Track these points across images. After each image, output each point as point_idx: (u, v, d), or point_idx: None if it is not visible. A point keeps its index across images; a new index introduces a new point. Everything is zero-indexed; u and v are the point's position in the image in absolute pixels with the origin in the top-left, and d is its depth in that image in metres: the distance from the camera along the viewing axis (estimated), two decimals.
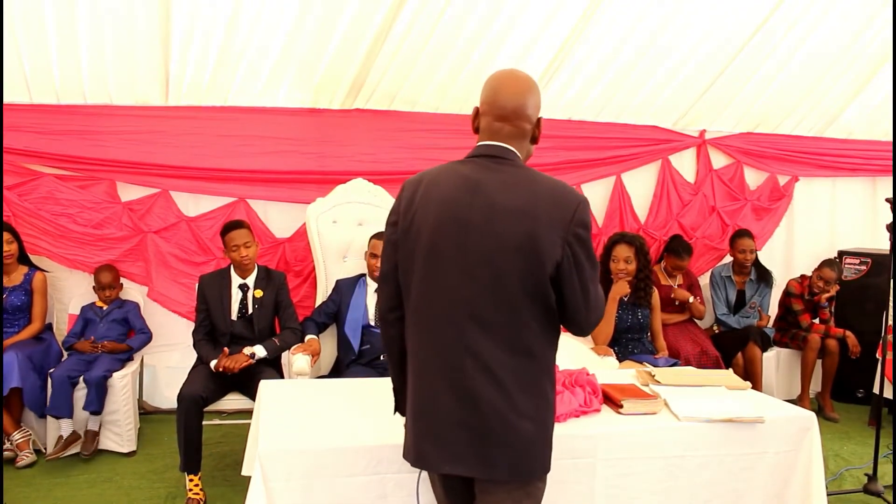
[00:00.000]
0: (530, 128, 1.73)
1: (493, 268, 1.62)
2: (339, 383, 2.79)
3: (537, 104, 1.74)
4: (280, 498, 1.96)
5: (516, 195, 1.63)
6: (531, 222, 1.60)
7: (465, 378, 1.63)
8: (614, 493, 2.23)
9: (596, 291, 1.71)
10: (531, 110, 1.71)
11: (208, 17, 3.52)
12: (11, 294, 3.68)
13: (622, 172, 4.84)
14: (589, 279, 1.67)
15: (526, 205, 1.62)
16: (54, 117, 3.87)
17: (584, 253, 1.65)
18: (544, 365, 1.70)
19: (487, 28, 3.84)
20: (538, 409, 1.68)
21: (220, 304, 3.48)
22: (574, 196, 1.67)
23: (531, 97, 1.71)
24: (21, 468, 3.38)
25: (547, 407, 1.71)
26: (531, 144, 1.77)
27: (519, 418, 1.64)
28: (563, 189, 1.68)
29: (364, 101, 4.23)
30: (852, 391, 4.81)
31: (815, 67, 4.60)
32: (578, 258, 1.64)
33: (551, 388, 1.73)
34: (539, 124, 1.75)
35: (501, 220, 1.61)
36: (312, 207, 3.96)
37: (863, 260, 4.91)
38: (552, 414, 1.73)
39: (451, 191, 1.67)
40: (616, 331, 3.87)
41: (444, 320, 1.66)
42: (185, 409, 3.10)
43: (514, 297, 1.62)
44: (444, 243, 1.65)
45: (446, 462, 1.68)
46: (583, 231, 1.65)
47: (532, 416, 1.66)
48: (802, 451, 2.42)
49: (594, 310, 1.72)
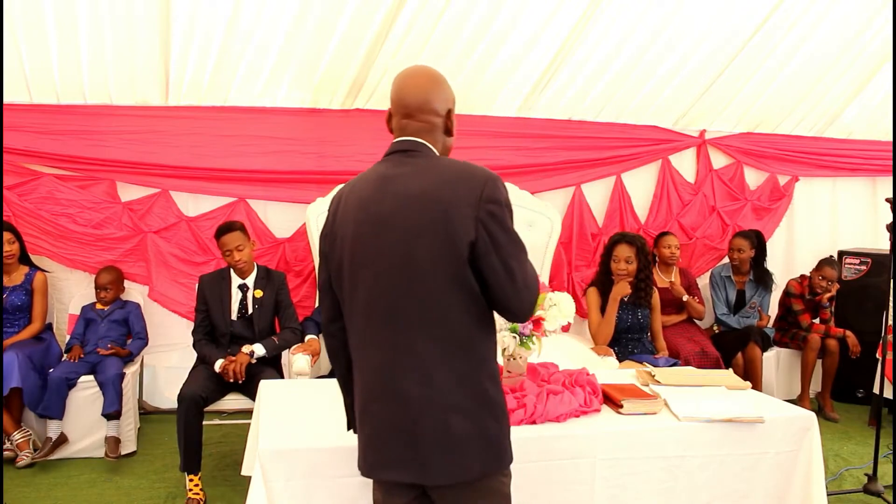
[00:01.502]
0: (440, 120, 1.69)
1: (411, 260, 1.56)
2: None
3: (445, 97, 1.70)
4: (280, 498, 1.96)
5: (424, 182, 1.58)
6: (440, 206, 1.54)
7: (397, 379, 1.58)
8: (614, 493, 2.23)
9: (523, 270, 1.59)
10: (437, 104, 1.68)
11: (208, 17, 3.52)
12: (12, 294, 3.68)
13: (622, 172, 4.84)
14: (510, 256, 1.57)
15: (434, 190, 1.56)
16: (54, 117, 3.87)
17: (501, 230, 1.56)
18: (479, 356, 1.61)
19: (487, 28, 3.84)
20: (473, 403, 1.59)
21: (220, 304, 3.48)
22: (482, 173, 1.59)
23: (434, 91, 1.69)
24: (21, 468, 3.38)
25: (486, 401, 1.60)
26: (447, 137, 1.72)
27: (449, 414, 1.56)
28: (471, 168, 1.60)
29: (364, 101, 4.23)
30: (852, 391, 4.81)
31: (815, 67, 4.60)
32: (495, 236, 1.55)
33: (491, 380, 1.63)
34: (450, 115, 1.70)
35: (411, 209, 1.57)
36: (312, 207, 3.95)
37: (863, 260, 4.90)
38: (497, 409, 1.63)
39: (365, 191, 1.65)
40: (616, 331, 3.87)
41: (375, 322, 1.61)
42: (185, 409, 3.11)
43: (438, 288, 1.56)
44: (364, 245, 1.62)
45: (385, 469, 1.63)
46: (495, 207, 1.56)
47: (465, 411, 1.57)
48: (802, 451, 2.41)
49: (524, 291, 1.59)
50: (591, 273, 4.41)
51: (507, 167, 4.42)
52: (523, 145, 4.52)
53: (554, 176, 4.67)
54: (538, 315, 2.36)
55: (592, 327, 3.95)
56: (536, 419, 2.23)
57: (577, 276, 4.70)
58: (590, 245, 4.75)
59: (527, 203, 4.24)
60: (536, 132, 4.55)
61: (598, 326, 3.89)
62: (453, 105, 1.72)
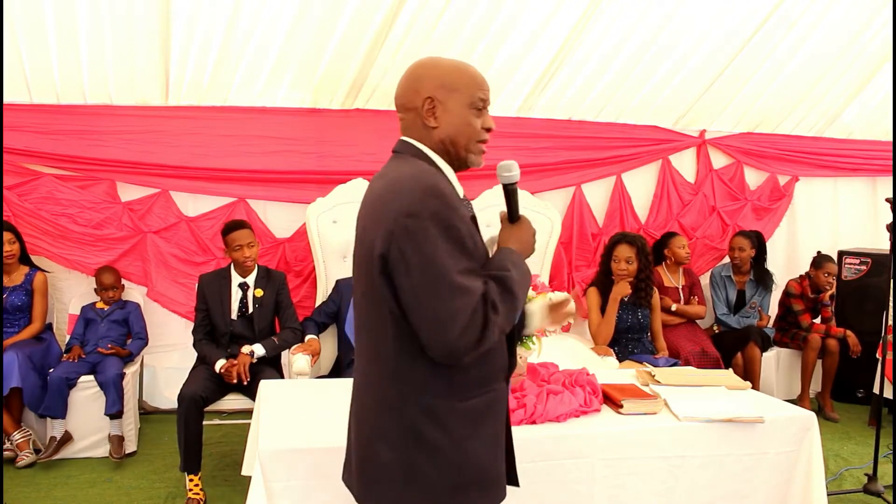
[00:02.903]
0: (413, 115, 1.51)
1: (360, 270, 1.48)
2: (339, 383, 2.78)
3: (418, 87, 1.50)
4: (280, 498, 1.96)
5: (377, 188, 1.47)
6: (371, 214, 1.44)
7: (353, 397, 1.57)
8: (614, 494, 2.23)
9: (434, 305, 1.32)
10: (407, 98, 1.52)
11: (208, 17, 3.52)
12: (12, 294, 3.68)
13: (622, 172, 4.84)
14: (420, 285, 1.33)
15: (377, 197, 1.44)
16: (54, 117, 3.87)
17: (414, 249, 1.33)
18: (406, 385, 1.43)
19: (487, 28, 3.84)
20: (399, 435, 1.43)
21: (220, 303, 3.48)
22: (411, 183, 1.39)
23: (406, 86, 1.53)
24: (21, 468, 3.38)
25: (416, 437, 1.42)
26: (432, 129, 1.50)
27: (375, 441, 1.45)
28: (407, 177, 1.41)
29: (364, 101, 4.23)
30: (852, 391, 4.80)
31: (815, 67, 4.60)
32: (406, 255, 1.34)
33: (427, 416, 1.42)
34: (428, 104, 1.49)
35: (361, 217, 1.52)
36: (312, 207, 3.95)
37: (863, 260, 4.90)
38: (428, 448, 1.42)
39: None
40: (616, 331, 3.88)
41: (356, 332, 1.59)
42: (185, 409, 3.11)
43: (362, 304, 1.49)
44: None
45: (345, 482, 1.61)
46: (411, 222, 1.33)
47: (391, 442, 1.44)
48: (802, 451, 2.41)
49: (435, 330, 1.33)
50: (591, 273, 4.41)
51: None
52: (523, 145, 4.51)
53: (554, 176, 4.67)
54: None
55: (592, 327, 3.95)
56: (536, 419, 2.23)
57: (578, 276, 4.70)
58: (590, 245, 4.75)
59: (527, 203, 4.24)
60: (536, 132, 4.55)
61: (598, 326, 3.89)
62: (435, 90, 1.49)
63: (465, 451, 1.45)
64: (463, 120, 1.51)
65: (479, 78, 1.54)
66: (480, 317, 1.34)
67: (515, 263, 1.47)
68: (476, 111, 1.53)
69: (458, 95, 1.51)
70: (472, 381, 1.47)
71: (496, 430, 1.54)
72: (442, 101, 1.50)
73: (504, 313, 1.39)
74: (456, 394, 1.45)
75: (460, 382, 1.45)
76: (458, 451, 1.45)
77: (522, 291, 1.47)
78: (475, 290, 1.35)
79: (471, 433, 1.46)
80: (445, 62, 1.54)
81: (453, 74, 1.52)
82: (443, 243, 1.34)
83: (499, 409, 1.55)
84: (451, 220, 1.36)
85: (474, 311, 1.33)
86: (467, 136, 1.52)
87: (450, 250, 1.34)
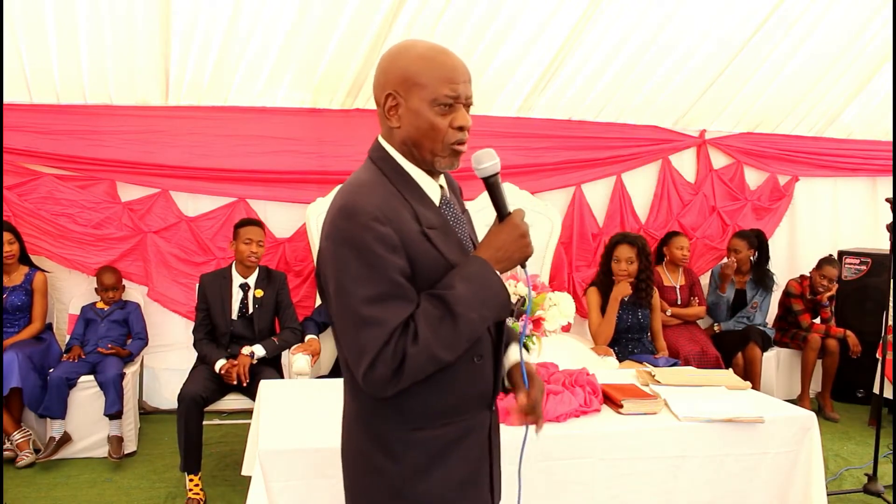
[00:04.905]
0: (381, 111, 1.36)
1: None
2: (339, 383, 2.76)
3: (381, 81, 1.34)
4: (280, 498, 1.96)
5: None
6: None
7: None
8: (614, 493, 2.23)
9: (346, 340, 1.26)
10: (377, 91, 1.36)
11: (208, 17, 3.52)
12: (12, 294, 3.68)
13: (622, 172, 4.84)
14: (335, 316, 1.27)
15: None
16: (54, 117, 3.87)
17: (329, 275, 1.25)
18: (358, 409, 1.38)
19: (487, 28, 3.84)
20: (353, 455, 1.40)
21: (221, 303, 3.49)
22: (338, 198, 1.29)
23: (375, 79, 1.37)
24: (21, 468, 3.38)
25: (359, 460, 1.38)
26: (391, 128, 1.35)
27: (343, 450, 1.44)
28: (341, 192, 1.32)
29: (364, 101, 4.22)
30: (852, 391, 4.80)
31: (815, 67, 4.60)
32: (326, 279, 1.27)
33: (376, 444, 1.34)
34: (386, 102, 1.33)
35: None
36: (312, 207, 3.96)
37: (863, 260, 4.90)
38: (376, 477, 1.35)
39: None
40: (616, 331, 3.87)
41: None
42: (185, 409, 3.11)
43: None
44: None
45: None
46: (325, 245, 1.26)
47: (347, 458, 1.43)
48: (802, 451, 2.42)
49: (351, 364, 1.26)
50: (591, 273, 4.41)
51: (507, 167, 4.30)
52: (523, 145, 4.52)
53: (554, 176, 4.67)
54: (538, 315, 2.36)
55: (593, 327, 3.95)
56: None
57: (578, 276, 4.70)
58: (590, 245, 4.75)
59: (527, 203, 4.24)
60: (536, 132, 4.55)
61: (598, 326, 3.89)
62: (396, 85, 1.32)
63: (413, 487, 1.32)
64: (424, 120, 1.30)
65: (451, 69, 1.31)
66: (392, 350, 1.20)
67: (468, 277, 1.28)
68: (442, 108, 1.30)
69: (420, 91, 1.30)
70: (432, 410, 1.32)
71: (468, 470, 1.37)
72: (404, 98, 1.31)
73: (440, 338, 1.23)
74: (408, 422, 1.32)
75: (414, 410, 1.31)
76: (407, 484, 1.32)
77: (474, 308, 1.26)
78: (386, 320, 1.21)
79: (425, 468, 1.32)
80: (415, 50, 1.32)
81: (418, 66, 1.30)
82: (355, 269, 1.22)
83: (471, 444, 1.38)
84: (364, 242, 1.21)
85: (385, 343, 1.20)
86: (431, 138, 1.31)
87: (361, 276, 1.21)
